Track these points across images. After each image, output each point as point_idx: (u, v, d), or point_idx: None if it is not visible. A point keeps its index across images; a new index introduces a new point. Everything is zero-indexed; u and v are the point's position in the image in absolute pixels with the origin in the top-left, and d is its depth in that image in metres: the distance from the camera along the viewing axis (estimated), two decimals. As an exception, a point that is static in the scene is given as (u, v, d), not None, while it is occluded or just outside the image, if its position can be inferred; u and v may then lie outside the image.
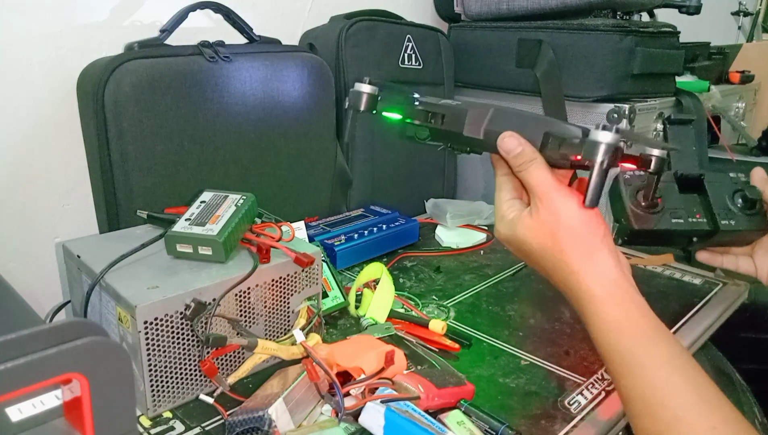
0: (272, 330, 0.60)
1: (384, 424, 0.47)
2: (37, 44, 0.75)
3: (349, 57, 0.95)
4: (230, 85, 0.78)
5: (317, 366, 0.51)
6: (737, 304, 0.77)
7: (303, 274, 0.61)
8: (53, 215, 0.80)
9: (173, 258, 0.58)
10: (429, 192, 1.10)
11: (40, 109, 0.76)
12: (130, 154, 0.71)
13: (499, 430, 0.49)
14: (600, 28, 0.97)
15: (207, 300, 0.53)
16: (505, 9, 1.08)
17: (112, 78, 0.69)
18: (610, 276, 0.48)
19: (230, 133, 0.79)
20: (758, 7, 2.35)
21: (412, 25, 1.06)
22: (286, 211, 0.85)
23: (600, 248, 0.49)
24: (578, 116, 1.01)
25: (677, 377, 0.44)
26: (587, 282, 0.48)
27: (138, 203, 0.71)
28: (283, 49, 0.88)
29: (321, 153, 0.91)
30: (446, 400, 0.52)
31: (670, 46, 1.07)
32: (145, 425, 0.51)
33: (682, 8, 1.21)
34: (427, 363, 0.61)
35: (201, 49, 0.76)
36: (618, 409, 0.54)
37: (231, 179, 0.80)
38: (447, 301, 0.75)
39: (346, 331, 0.67)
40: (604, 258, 0.49)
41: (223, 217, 0.59)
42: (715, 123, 1.25)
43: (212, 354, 0.54)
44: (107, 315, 0.54)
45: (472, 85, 1.15)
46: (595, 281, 0.48)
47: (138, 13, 0.83)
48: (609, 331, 0.47)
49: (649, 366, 0.44)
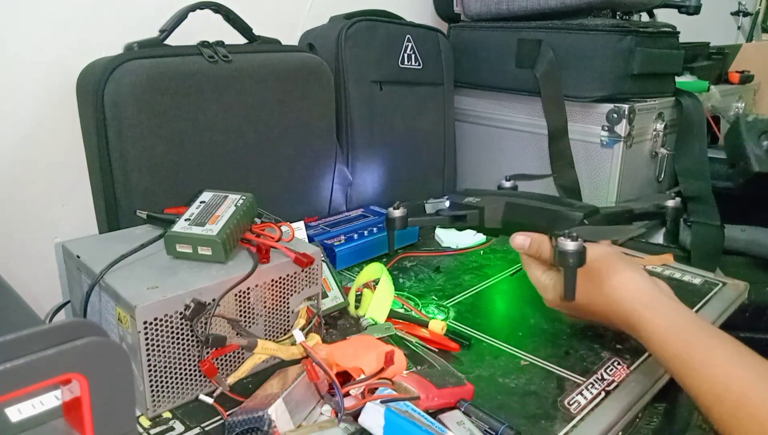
0: (272, 330, 0.60)
1: (384, 425, 0.47)
2: (36, 44, 0.75)
3: (349, 57, 0.95)
4: (230, 85, 0.78)
5: (317, 366, 0.51)
6: (737, 304, 0.77)
7: (303, 275, 0.61)
8: (53, 215, 0.80)
9: (173, 258, 0.58)
10: (428, 192, 1.10)
11: (39, 109, 0.76)
12: (129, 154, 0.71)
13: (498, 430, 0.49)
14: (600, 28, 0.97)
15: (207, 300, 0.53)
16: (504, 9, 1.08)
17: (112, 78, 0.69)
18: (644, 290, 0.56)
19: (230, 133, 0.79)
20: (758, 7, 2.35)
21: (411, 25, 1.06)
22: (286, 211, 0.85)
23: (620, 271, 0.58)
24: (578, 116, 1.01)
25: (734, 363, 0.48)
26: (627, 305, 0.56)
27: (137, 203, 0.71)
28: (282, 49, 0.88)
29: (321, 153, 0.91)
30: (446, 400, 0.52)
31: (670, 46, 1.07)
32: (145, 425, 0.51)
33: (682, 8, 1.22)
34: (427, 363, 0.61)
35: (201, 49, 0.76)
36: (618, 409, 0.54)
37: (230, 179, 0.80)
38: (447, 301, 0.75)
39: (345, 332, 0.67)
40: (626, 278, 0.57)
41: (222, 217, 0.59)
42: (715, 123, 1.25)
43: (212, 354, 0.54)
44: (107, 315, 0.54)
45: (472, 85, 1.15)
46: (636, 302, 0.56)
47: (138, 13, 0.83)
48: (661, 341, 0.53)
49: (707, 362, 0.49)
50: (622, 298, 0.57)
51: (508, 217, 0.70)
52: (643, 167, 1.07)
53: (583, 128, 1.01)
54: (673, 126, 1.10)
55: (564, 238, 0.57)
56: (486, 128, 1.15)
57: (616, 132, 0.98)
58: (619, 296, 0.57)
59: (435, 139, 1.11)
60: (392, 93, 1.02)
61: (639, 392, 0.57)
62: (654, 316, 0.54)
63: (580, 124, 1.01)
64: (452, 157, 1.15)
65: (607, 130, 0.99)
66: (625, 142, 0.98)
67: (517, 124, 1.10)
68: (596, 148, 1.00)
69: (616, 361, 0.61)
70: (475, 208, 0.71)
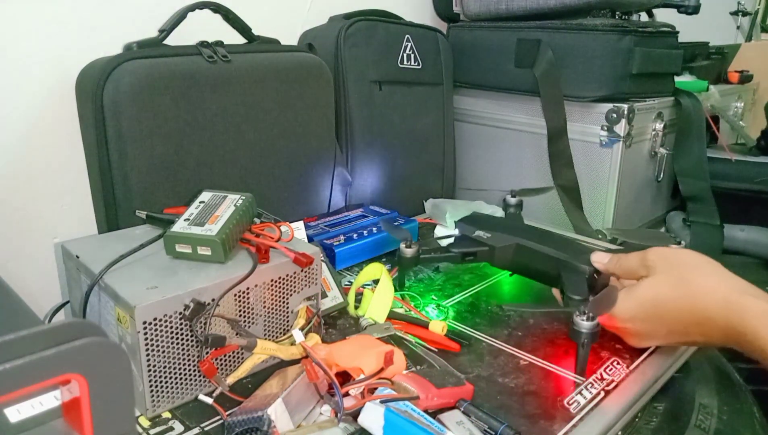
0: (271, 330, 0.60)
1: (383, 424, 0.47)
2: (36, 44, 0.75)
3: (348, 57, 0.95)
4: (229, 85, 0.78)
5: (316, 366, 0.51)
6: (736, 304, 0.77)
7: (302, 275, 0.61)
8: (52, 215, 0.80)
9: (172, 258, 0.58)
10: (428, 192, 1.10)
11: (38, 109, 0.76)
12: (128, 154, 0.71)
13: (498, 430, 0.49)
14: (599, 28, 0.97)
15: (206, 300, 0.53)
16: (504, 9, 1.08)
17: (111, 78, 0.69)
18: (734, 279, 0.53)
19: (229, 133, 0.79)
20: (757, 7, 2.35)
21: (411, 25, 1.06)
22: (285, 211, 0.85)
23: (703, 266, 0.55)
24: (577, 116, 1.01)
25: None
26: (720, 295, 0.52)
27: (137, 203, 0.71)
28: (282, 49, 0.88)
29: (320, 153, 0.91)
30: (445, 400, 0.52)
31: (669, 45, 1.07)
32: (144, 425, 0.51)
33: (681, 8, 1.22)
34: (426, 363, 0.61)
35: (200, 49, 0.76)
36: (617, 408, 0.54)
37: (230, 179, 0.80)
38: (446, 301, 0.75)
39: (345, 332, 0.67)
40: (711, 271, 0.55)
41: (222, 217, 0.59)
42: (714, 123, 1.25)
43: (211, 354, 0.54)
44: (106, 315, 0.54)
45: (471, 85, 1.15)
46: (733, 291, 0.52)
47: (137, 13, 0.83)
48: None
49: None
50: (713, 289, 0.52)
51: (518, 259, 0.71)
52: (643, 167, 1.07)
53: (583, 128, 1.01)
54: (672, 126, 1.10)
55: (579, 315, 0.57)
56: (485, 128, 1.15)
57: (615, 132, 0.98)
58: (709, 288, 0.53)
59: (434, 139, 1.11)
60: (392, 93, 1.02)
61: (638, 392, 0.57)
62: (758, 300, 0.50)
63: (579, 123, 1.01)
64: (451, 157, 1.15)
65: (606, 130, 0.99)
66: (625, 141, 0.98)
67: (517, 124, 1.10)
68: (595, 148, 1.00)
69: (615, 360, 0.61)
70: (486, 247, 0.72)
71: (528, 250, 0.70)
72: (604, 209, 1.02)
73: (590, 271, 0.64)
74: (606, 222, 1.01)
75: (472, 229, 0.75)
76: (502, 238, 0.72)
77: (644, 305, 0.57)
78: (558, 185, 1.02)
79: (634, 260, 0.60)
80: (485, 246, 0.73)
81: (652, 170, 1.10)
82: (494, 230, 0.74)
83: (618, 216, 1.02)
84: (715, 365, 0.68)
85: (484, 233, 0.74)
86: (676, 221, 1.14)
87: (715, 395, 0.61)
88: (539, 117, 1.03)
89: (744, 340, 0.50)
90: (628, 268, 0.60)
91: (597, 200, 1.02)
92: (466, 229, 0.76)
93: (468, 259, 0.74)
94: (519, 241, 0.71)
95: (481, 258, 0.74)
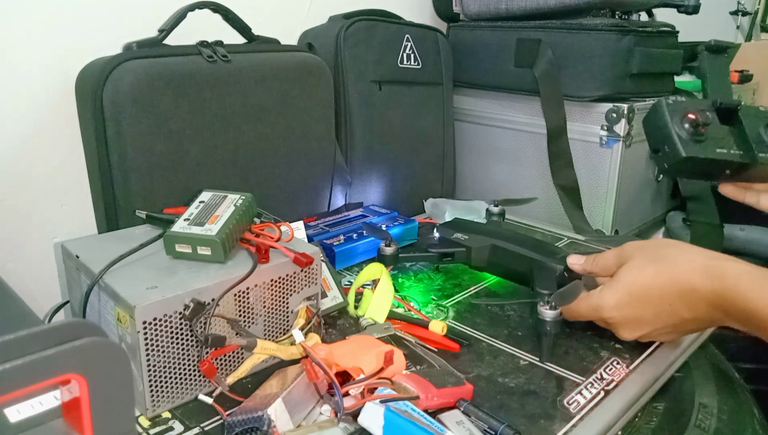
0: (271, 330, 0.60)
1: (383, 424, 0.47)
2: (35, 44, 0.75)
3: (348, 57, 0.95)
4: (229, 85, 0.78)
5: (316, 366, 0.51)
6: (736, 304, 0.77)
7: (302, 274, 0.61)
8: (52, 215, 0.80)
9: (172, 258, 0.58)
10: (428, 192, 1.10)
11: (38, 109, 0.76)
12: (128, 154, 0.71)
13: (498, 430, 0.49)
14: (599, 28, 0.97)
15: (206, 300, 0.53)
16: (503, 9, 1.08)
17: (111, 78, 0.69)
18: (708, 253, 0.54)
19: (229, 133, 0.79)
20: (757, 7, 2.35)
21: (410, 24, 1.06)
22: (285, 211, 0.85)
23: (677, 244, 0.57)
24: (577, 116, 1.01)
25: None
26: (699, 263, 0.53)
27: (137, 203, 0.71)
28: (281, 48, 0.88)
29: (320, 153, 0.91)
30: (445, 400, 0.52)
31: (669, 45, 1.07)
32: (144, 425, 0.51)
33: (681, 8, 1.22)
34: (426, 363, 0.61)
35: (200, 49, 0.76)
36: (617, 408, 0.54)
37: (230, 179, 0.80)
38: (446, 300, 0.75)
39: (345, 331, 0.67)
40: (688, 248, 0.56)
41: (222, 217, 0.59)
42: (714, 122, 1.25)
43: (211, 354, 0.54)
44: (106, 315, 0.54)
45: (471, 84, 1.15)
46: (711, 257, 0.53)
47: (136, 13, 0.83)
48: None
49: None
50: (691, 259, 0.53)
51: (494, 259, 0.75)
52: (642, 167, 1.07)
53: (582, 128, 1.01)
54: (672, 125, 1.10)
55: (543, 305, 0.59)
56: (485, 128, 1.15)
57: (615, 131, 0.98)
58: (687, 258, 0.54)
59: (434, 139, 1.11)
60: (391, 93, 1.02)
61: (638, 392, 0.57)
62: (735, 263, 0.51)
63: (579, 123, 1.01)
64: (451, 157, 1.15)
65: (606, 130, 0.99)
66: (624, 141, 0.98)
67: (517, 124, 1.10)
68: (595, 148, 1.00)
69: (615, 360, 0.61)
70: (463, 247, 0.76)
71: (502, 251, 0.73)
72: (603, 209, 1.02)
73: (561, 269, 0.66)
74: (606, 222, 1.01)
75: (451, 233, 0.78)
76: (479, 240, 0.76)
77: (627, 287, 0.58)
78: (558, 185, 1.02)
79: (610, 256, 0.61)
80: (462, 247, 0.76)
81: (651, 170, 1.10)
82: (472, 233, 0.77)
83: (618, 216, 1.02)
84: (714, 365, 0.68)
85: (462, 235, 0.77)
86: (676, 221, 1.14)
87: (714, 395, 0.61)
88: (539, 117, 1.03)
89: (728, 305, 0.51)
90: (605, 265, 0.61)
91: (597, 200, 1.02)
92: (446, 232, 0.79)
93: (446, 260, 0.77)
94: (494, 241, 0.74)
95: (459, 259, 0.77)
